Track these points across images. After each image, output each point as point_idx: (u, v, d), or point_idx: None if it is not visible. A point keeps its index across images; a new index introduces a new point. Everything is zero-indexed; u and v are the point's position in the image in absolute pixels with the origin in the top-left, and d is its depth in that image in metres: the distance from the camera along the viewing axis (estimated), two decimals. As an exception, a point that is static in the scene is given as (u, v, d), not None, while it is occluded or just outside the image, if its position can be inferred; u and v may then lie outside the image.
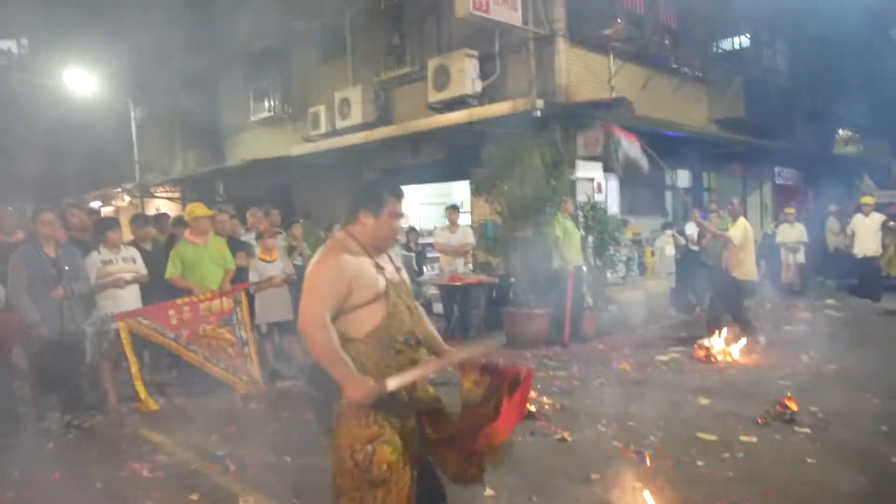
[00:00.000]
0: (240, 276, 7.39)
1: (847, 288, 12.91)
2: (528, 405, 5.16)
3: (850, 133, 18.90)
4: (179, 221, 8.12)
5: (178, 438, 5.54)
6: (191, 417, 6.12)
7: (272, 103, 15.82)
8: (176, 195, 18.66)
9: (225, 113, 17.59)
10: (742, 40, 14.95)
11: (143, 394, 6.37)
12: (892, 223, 10.11)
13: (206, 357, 6.79)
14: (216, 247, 7.15)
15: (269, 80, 15.88)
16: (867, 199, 11.99)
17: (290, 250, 8.17)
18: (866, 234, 11.38)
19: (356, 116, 12.66)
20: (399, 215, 2.84)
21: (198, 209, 7.10)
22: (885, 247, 10.24)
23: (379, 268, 2.75)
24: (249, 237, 8.34)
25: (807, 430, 5.08)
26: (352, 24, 13.36)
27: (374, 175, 13.44)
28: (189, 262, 6.87)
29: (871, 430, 5.06)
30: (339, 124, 13.01)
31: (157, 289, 6.86)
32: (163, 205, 18.06)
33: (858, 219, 11.69)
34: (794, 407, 5.37)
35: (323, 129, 13.53)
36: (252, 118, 16.20)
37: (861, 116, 17.46)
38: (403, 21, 12.48)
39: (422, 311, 3.00)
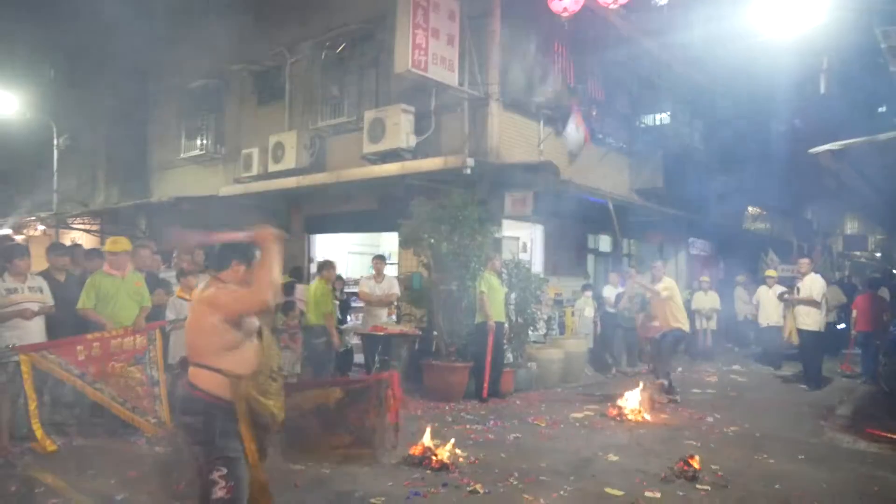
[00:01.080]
0: (157, 314, 7.20)
1: (752, 355, 13.64)
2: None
3: (758, 210, 20.15)
4: (95, 254, 7.87)
5: (74, 481, 5.26)
6: (90, 460, 5.83)
7: (204, 142, 15.64)
8: (94, 228, 17.99)
9: (155, 148, 17.25)
10: (663, 117, 15.91)
11: (39, 433, 6.01)
12: (787, 295, 10.80)
13: (113, 396, 6.51)
14: (135, 282, 6.97)
15: (204, 119, 15.74)
16: (770, 273, 12.84)
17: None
18: (769, 305, 12.14)
19: (289, 161, 12.67)
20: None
21: (119, 242, 6.94)
22: (784, 317, 10.91)
23: None
24: (169, 275, 8.16)
25: (707, 487, 5.30)
26: (292, 71, 13.51)
27: (302, 220, 13.42)
28: (104, 295, 6.67)
29: (765, 488, 5.32)
30: (272, 167, 12.98)
31: (65, 322, 6.60)
32: (79, 236, 17.36)
33: (762, 290, 12.50)
34: (696, 465, 5.59)
35: (255, 171, 13.46)
36: (182, 155, 15.94)
37: (768, 196, 18.70)
38: (344, 72, 12.72)
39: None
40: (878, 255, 22.70)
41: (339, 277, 11.14)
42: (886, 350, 9.94)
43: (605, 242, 14.54)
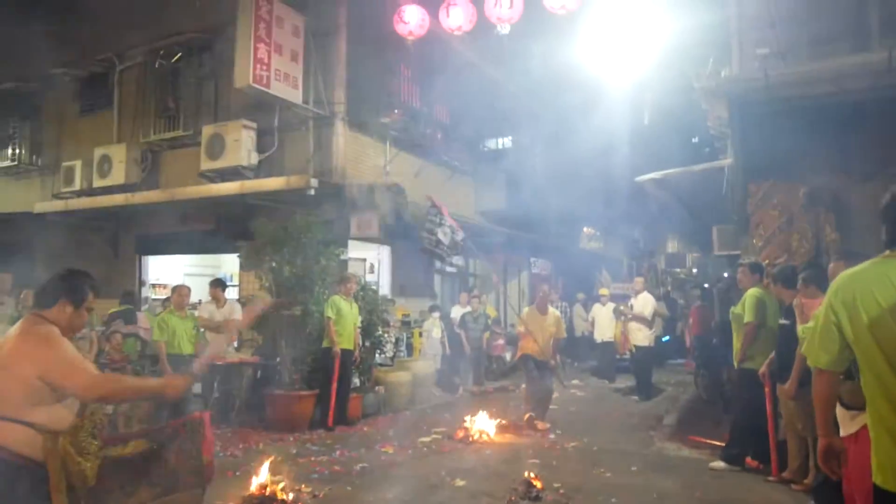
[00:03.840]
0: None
1: (589, 369, 14.39)
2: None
3: (592, 231, 21.45)
4: None
5: None
6: None
7: (17, 151, 14.07)
8: None
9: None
10: (505, 141, 16.52)
11: None
12: (622, 307, 11.53)
13: None
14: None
15: (17, 125, 14.16)
16: (604, 291, 13.68)
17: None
18: (603, 321, 12.90)
19: (118, 176, 11.70)
20: (91, 309, 3.20)
21: None
22: (622, 332, 11.62)
23: None
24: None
25: (549, 506, 5.42)
26: (121, 78, 12.53)
27: (133, 240, 12.43)
28: None
29: (603, 502, 5.53)
30: (97, 182, 11.91)
31: None
32: None
33: (597, 308, 13.26)
34: (538, 485, 5.70)
35: (77, 185, 12.27)
36: (-10, 166, 14.26)
37: (601, 217, 19.96)
38: (179, 83, 11.97)
39: None
40: (695, 271, 24.95)
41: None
42: (705, 362, 10.81)
43: (451, 263, 14.76)
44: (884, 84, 6.00)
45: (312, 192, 9.14)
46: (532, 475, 5.81)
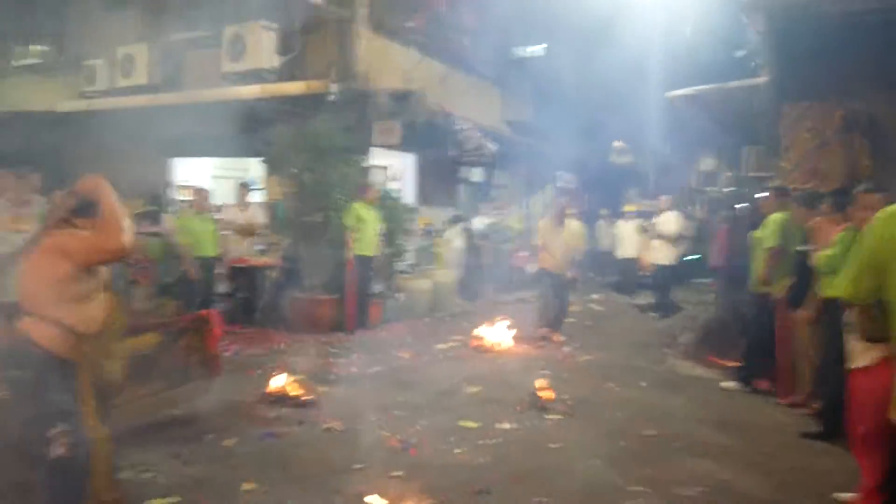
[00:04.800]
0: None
1: (610, 285, 14.40)
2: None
3: (623, 145, 20.95)
4: None
5: None
6: None
7: (43, 48, 13.96)
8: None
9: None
10: (536, 49, 15.91)
11: None
12: (645, 224, 11.40)
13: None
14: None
15: (42, 21, 13.96)
16: (629, 207, 13.48)
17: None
18: (626, 238, 12.79)
19: (140, 76, 11.58)
20: None
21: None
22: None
23: None
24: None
25: (557, 416, 5.55)
26: (142, -26, 12.19)
27: (159, 142, 12.45)
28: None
29: (609, 415, 5.65)
30: (121, 83, 11.82)
31: None
32: None
33: (620, 224, 13.12)
34: (548, 395, 5.83)
35: (100, 85, 12.19)
36: (15, 63, 14.18)
37: (632, 132, 19.42)
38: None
39: None
40: (727, 190, 24.44)
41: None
42: (726, 284, 10.70)
43: (476, 173, 14.61)
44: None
45: (333, 97, 8.98)
46: (542, 386, 5.94)
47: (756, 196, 7.45)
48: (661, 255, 10.91)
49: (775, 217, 6.04)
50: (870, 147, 6.60)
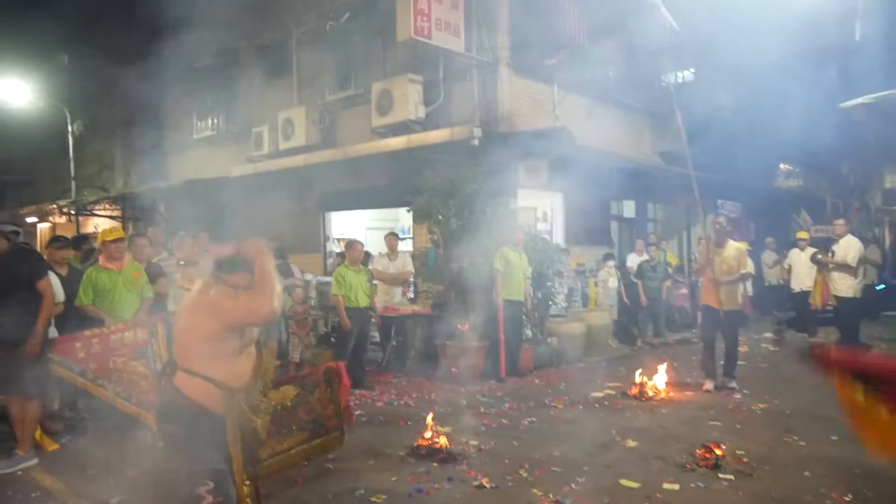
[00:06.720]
0: (158, 303, 7.01)
1: (785, 321, 13.07)
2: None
3: (789, 167, 19.35)
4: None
5: (72, 483, 5.14)
6: (90, 458, 5.71)
7: (215, 122, 15.45)
8: (116, 213, 18.02)
9: (169, 130, 17.09)
10: (686, 75, 15.18)
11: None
12: (819, 255, 10.26)
13: (117, 392, 6.36)
14: (133, 273, 6.75)
15: (214, 98, 15.51)
16: (802, 234, 12.22)
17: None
18: (801, 269, 11.56)
19: (299, 138, 12.41)
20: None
21: (111, 232, 6.71)
22: (816, 281, 10.39)
23: None
24: (165, 261, 7.94)
25: (731, 476, 4.95)
26: (298, 44, 13.14)
27: (316, 197, 13.15)
28: (101, 289, 6.46)
29: (794, 476, 4.96)
30: (282, 145, 12.73)
31: (68, 318, 6.45)
32: (101, 223, 17.42)
33: (794, 253, 11.90)
34: (719, 452, 5.25)
35: (266, 149, 13.24)
36: (195, 136, 15.79)
37: (799, 152, 17.87)
38: (349, 43, 12.31)
39: None
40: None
41: (368, 254, 10.61)
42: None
43: (629, 208, 14.04)
44: None
45: (476, 142, 9.00)
46: (713, 441, 5.37)
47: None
48: (843, 286, 9.72)
49: None
50: None
